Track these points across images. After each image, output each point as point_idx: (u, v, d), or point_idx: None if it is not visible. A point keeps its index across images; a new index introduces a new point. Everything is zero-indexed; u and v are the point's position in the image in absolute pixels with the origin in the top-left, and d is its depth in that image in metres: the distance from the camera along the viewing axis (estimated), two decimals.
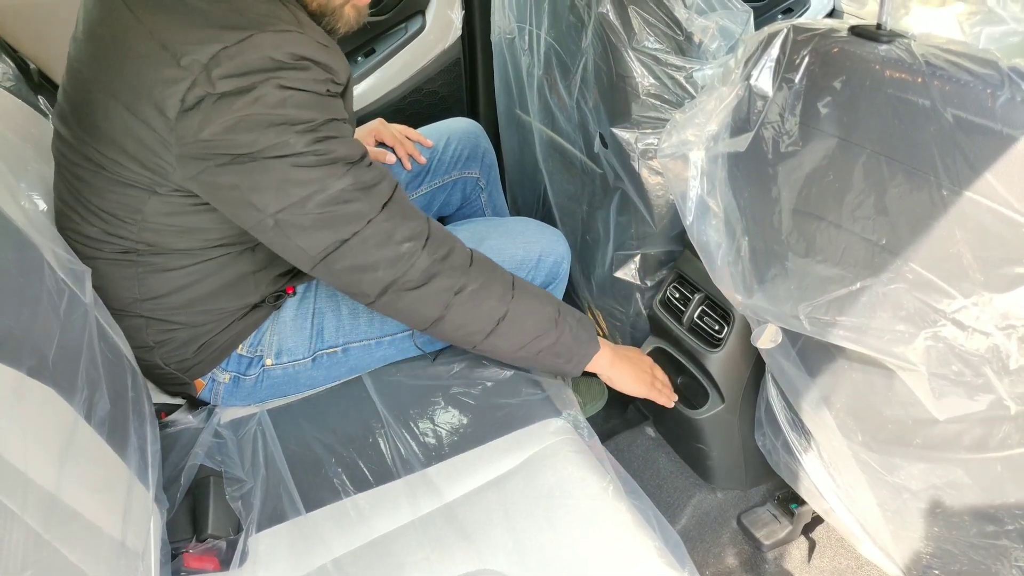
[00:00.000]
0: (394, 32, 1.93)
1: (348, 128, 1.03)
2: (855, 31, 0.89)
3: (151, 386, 1.19)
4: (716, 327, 1.33)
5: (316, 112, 0.96)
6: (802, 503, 1.38)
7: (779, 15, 2.09)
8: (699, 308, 1.36)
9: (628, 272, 1.45)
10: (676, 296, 1.41)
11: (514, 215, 1.85)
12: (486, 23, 1.74)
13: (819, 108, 0.91)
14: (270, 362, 1.22)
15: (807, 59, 0.91)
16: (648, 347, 1.49)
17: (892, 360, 0.90)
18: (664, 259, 1.43)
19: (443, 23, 1.93)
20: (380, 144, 1.57)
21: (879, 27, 0.87)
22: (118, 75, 0.94)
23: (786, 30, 0.94)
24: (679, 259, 1.42)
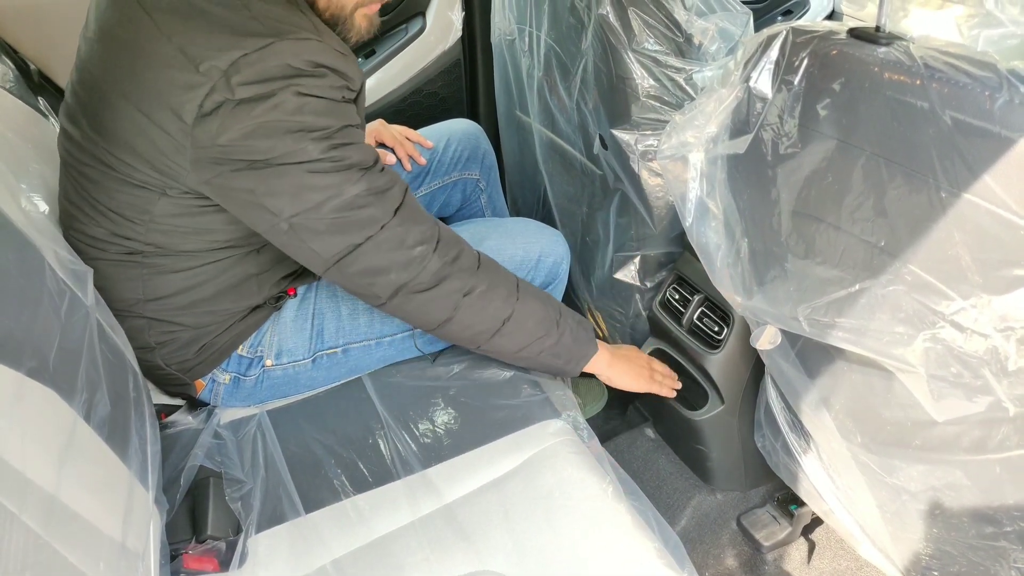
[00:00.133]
0: (394, 33, 1.93)
1: (361, 134, 1.04)
2: (854, 33, 0.89)
3: (151, 386, 1.19)
4: (716, 328, 1.33)
5: (332, 119, 0.96)
6: (802, 504, 1.38)
7: (778, 17, 2.09)
8: (699, 309, 1.36)
9: (628, 273, 1.45)
10: (676, 297, 1.41)
11: (514, 216, 1.85)
12: (486, 24, 1.74)
13: (818, 110, 0.91)
14: (270, 363, 1.22)
15: (806, 61, 0.91)
16: (648, 348, 1.49)
17: (891, 362, 0.90)
18: (664, 260, 1.43)
19: (443, 24, 1.93)
20: (380, 145, 1.57)
21: (878, 29, 0.87)
22: (133, 78, 0.94)
23: (785, 32, 0.94)
24: (679, 260, 1.42)
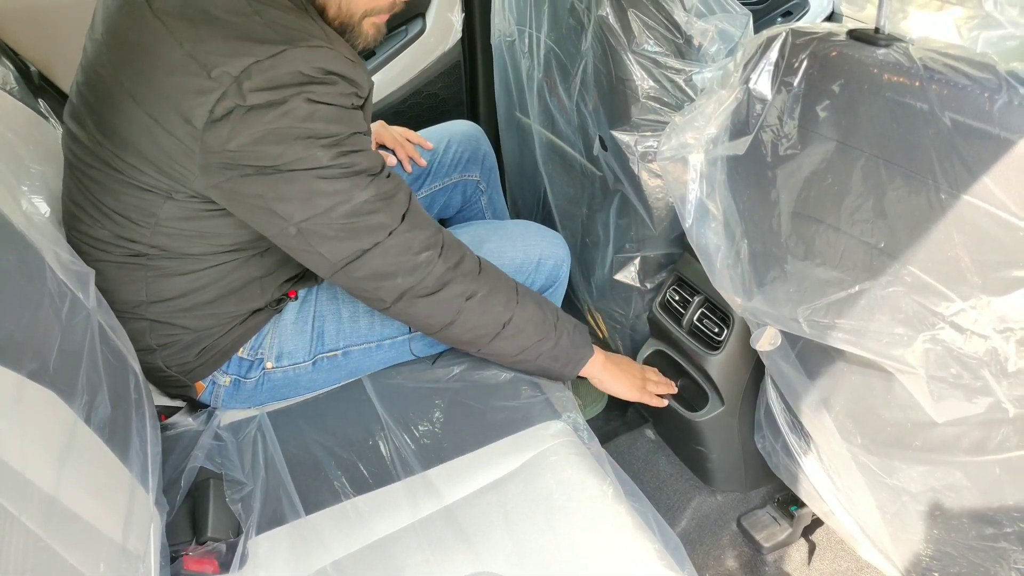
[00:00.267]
0: (394, 35, 1.92)
1: (369, 140, 1.05)
2: (853, 35, 0.89)
3: (151, 388, 1.19)
4: (716, 330, 1.33)
5: (342, 126, 0.97)
6: (802, 505, 1.38)
7: (778, 18, 2.09)
8: (699, 311, 1.36)
9: (628, 275, 1.45)
10: (676, 299, 1.41)
11: (514, 218, 1.85)
12: (486, 26, 1.74)
13: (818, 111, 0.91)
14: (270, 365, 1.22)
15: (806, 63, 0.91)
16: (648, 349, 1.49)
17: (891, 363, 0.90)
18: (664, 262, 1.43)
19: (443, 26, 1.93)
20: (381, 146, 1.58)
21: (877, 31, 0.87)
22: (143, 82, 0.94)
23: (785, 33, 0.94)
24: (679, 262, 1.42)
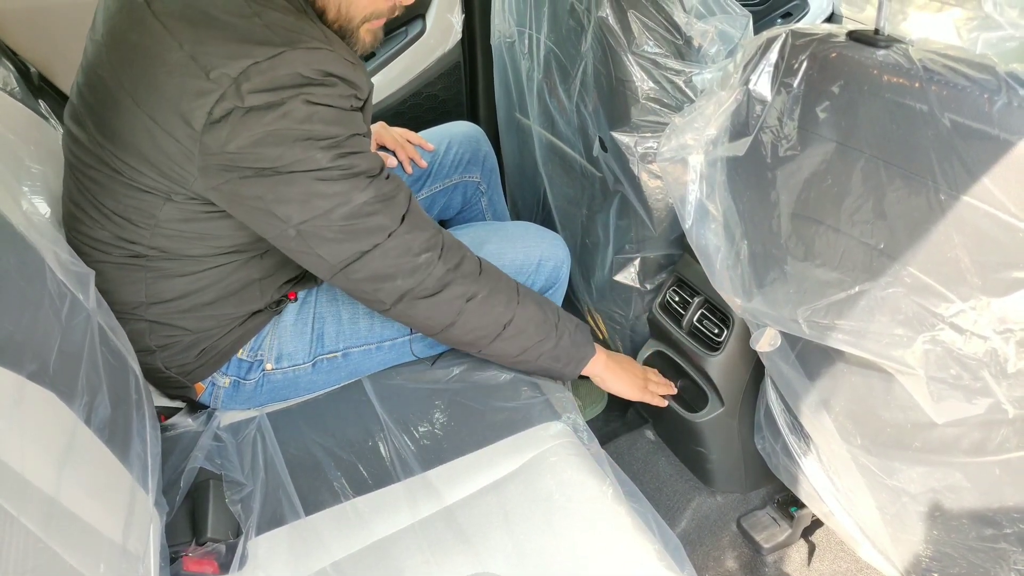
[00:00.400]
0: (394, 36, 1.92)
1: (368, 142, 1.04)
2: (853, 36, 0.89)
3: (151, 389, 1.19)
4: (715, 330, 1.33)
5: (341, 128, 0.97)
6: (802, 506, 1.38)
7: (778, 19, 2.09)
8: (698, 311, 1.36)
9: (628, 276, 1.45)
10: (675, 300, 1.41)
11: (514, 219, 1.85)
12: (486, 27, 1.74)
13: (817, 112, 0.91)
14: (270, 366, 1.22)
15: (805, 64, 0.91)
16: (648, 350, 1.49)
17: (891, 364, 0.90)
18: (664, 263, 1.43)
19: (443, 27, 1.93)
20: (381, 148, 1.58)
21: (877, 32, 0.87)
22: (143, 83, 0.94)
23: (785, 35, 0.94)
24: (678, 263, 1.42)
